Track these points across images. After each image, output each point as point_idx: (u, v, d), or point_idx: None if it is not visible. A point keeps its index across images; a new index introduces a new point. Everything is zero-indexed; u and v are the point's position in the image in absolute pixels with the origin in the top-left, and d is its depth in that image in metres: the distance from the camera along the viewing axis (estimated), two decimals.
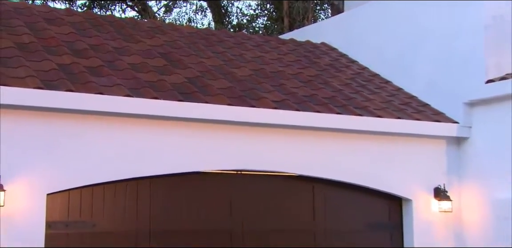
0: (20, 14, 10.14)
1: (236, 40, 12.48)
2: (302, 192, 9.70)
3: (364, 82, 11.32)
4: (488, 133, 10.30)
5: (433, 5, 11.39)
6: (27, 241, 7.37)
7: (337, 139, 9.65)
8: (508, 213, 9.71)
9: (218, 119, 8.62)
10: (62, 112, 7.78)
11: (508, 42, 10.54)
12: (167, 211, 8.70)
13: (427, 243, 10.15)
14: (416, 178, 10.25)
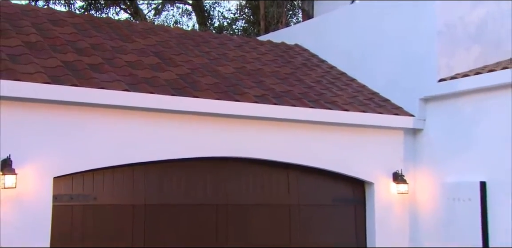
0: (27, 16, 9.99)
1: (219, 41, 12.45)
2: (279, 175, 9.71)
3: (333, 80, 11.34)
4: (439, 125, 10.41)
5: (393, 13, 11.40)
6: (37, 215, 7.34)
7: (309, 130, 9.66)
8: (455, 194, 9.86)
9: (206, 112, 8.62)
10: (68, 105, 7.74)
11: (458, 45, 10.65)
12: (160, 189, 8.66)
13: (386, 219, 10.25)
14: (377, 164, 10.30)
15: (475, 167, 9.72)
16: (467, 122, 9.95)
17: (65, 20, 10.48)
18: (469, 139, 9.87)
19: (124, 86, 8.15)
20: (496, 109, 9.55)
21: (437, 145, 10.37)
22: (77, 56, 8.77)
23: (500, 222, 9.29)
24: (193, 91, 8.75)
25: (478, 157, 9.71)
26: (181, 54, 10.48)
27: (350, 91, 10.86)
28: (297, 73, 11.25)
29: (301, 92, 10.13)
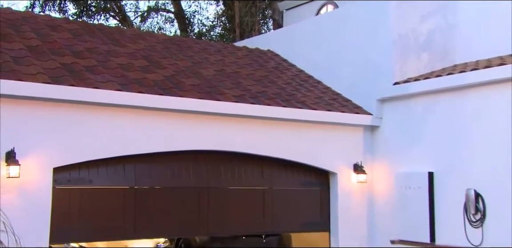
0: (27, 22, 9.80)
1: (201, 46, 12.36)
2: (254, 165, 9.69)
3: (301, 82, 11.34)
4: (394, 123, 10.46)
5: (353, 24, 11.40)
6: (39, 200, 7.29)
7: (282, 127, 9.65)
8: (407, 183, 9.93)
9: (190, 110, 8.58)
10: (65, 103, 7.67)
11: (410, 53, 10.69)
12: (149, 175, 8.62)
13: (348, 205, 10.30)
14: (340, 157, 10.33)
15: (424, 159, 9.81)
16: (417, 120, 10.04)
17: (62, 26, 10.31)
18: (419, 135, 9.96)
19: (116, 86, 8.09)
20: (442, 109, 9.66)
21: (392, 140, 10.44)
22: (73, 59, 8.65)
23: (444, 206, 9.44)
24: (179, 91, 8.71)
25: (427, 150, 9.81)
26: (167, 58, 10.40)
27: (316, 92, 10.87)
28: (270, 75, 11.23)
29: (275, 93, 10.12)
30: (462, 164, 9.25)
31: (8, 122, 7.16)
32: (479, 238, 8.83)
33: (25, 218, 6.71)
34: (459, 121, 9.36)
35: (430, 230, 9.52)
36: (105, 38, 10.40)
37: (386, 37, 10.63)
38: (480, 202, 8.88)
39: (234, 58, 11.82)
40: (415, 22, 10.82)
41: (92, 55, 9.16)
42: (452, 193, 9.29)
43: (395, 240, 9.99)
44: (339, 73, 11.47)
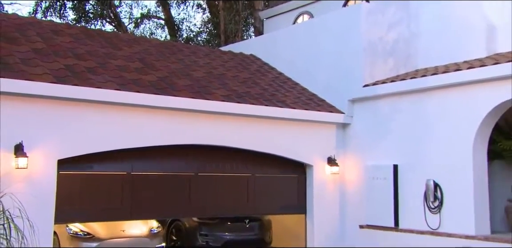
0: (32, 27, 9.66)
1: (190, 50, 12.31)
2: (239, 157, 9.64)
3: (281, 84, 11.36)
4: (363, 121, 10.53)
5: (328, 32, 11.41)
6: (45, 188, 7.25)
7: (264, 124, 9.66)
8: (374, 174, 10.02)
9: (182, 108, 8.57)
10: (69, 101, 7.62)
11: (377, 59, 10.73)
12: (144, 164, 8.55)
13: (322, 193, 10.36)
14: (316, 151, 10.36)
15: (390, 153, 9.90)
16: (384, 119, 10.12)
17: (64, 30, 10.21)
18: (386, 132, 10.05)
19: (115, 86, 8.06)
20: (406, 108, 9.75)
21: (361, 136, 10.51)
22: (75, 61, 8.59)
23: (407, 195, 9.56)
24: (172, 91, 8.69)
25: (392, 146, 9.90)
26: (160, 60, 10.35)
27: (295, 93, 10.90)
28: (253, 77, 11.23)
29: (258, 93, 10.14)
30: (423, 158, 9.36)
31: (16, 118, 7.11)
32: (437, 222, 8.99)
33: (32, 203, 6.57)
34: (421, 120, 9.47)
35: (394, 216, 9.63)
36: (103, 42, 10.32)
37: (356, 44, 10.67)
38: (439, 191, 9.03)
39: (220, 61, 11.79)
40: (383, 31, 10.88)
41: (92, 57, 9.09)
42: (414, 183, 9.42)
43: (363, 225, 10.10)
44: (314, 76, 11.49)
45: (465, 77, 8.78)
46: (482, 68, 8.60)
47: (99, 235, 8.56)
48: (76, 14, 20.99)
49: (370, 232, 9.99)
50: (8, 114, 6.98)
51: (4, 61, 7.45)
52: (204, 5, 22.19)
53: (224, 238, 9.92)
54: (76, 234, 8.45)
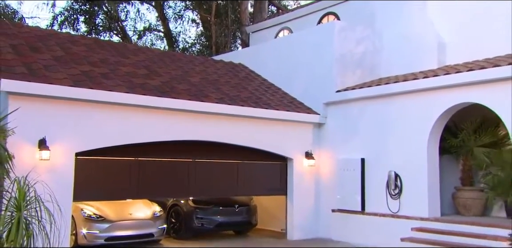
0: (52, 38, 9.63)
1: (188, 59, 12.26)
2: (230, 150, 9.58)
3: (266, 89, 11.39)
4: (335, 121, 10.60)
5: (305, 45, 11.41)
6: (64, 175, 7.27)
7: (252, 123, 9.67)
8: (345, 166, 10.10)
9: (182, 109, 8.58)
10: (86, 102, 7.62)
11: (347, 69, 10.79)
12: (149, 152, 8.48)
13: (301, 182, 10.40)
14: (296, 146, 10.41)
15: (358, 149, 10.01)
16: (353, 119, 10.22)
17: (79, 41, 10.17)
18: (354, 130, 10.16)
19: (124, 89, 8.07)
20: (372, 111, 9.87)
21: (334, 134, 10.58)
22: (90, 67, 8.58)
23: (372, 183, 9.68)
24: (173, 93, 8.70)
25: (360, 142, 10.02)
26: (162, 68, 10.33)
27: (278, 97, 10.95)
28: (242, 83, 11.24)
29: (246, 96, 10.16)
30: (386, 153, 9.50)
31: (41, 116, 7.12)
32: (397, 207, 9.16)
33: (54, 189, 6.54)
34: (384, 120, 9.61)
35: (361, 201, 9.75)
36: (113, 51, 10.29)
37: (330, 56, 10.73)
38: (398, 181, 9.19)
39: (214, 69, 11.78)
40: (352, 45, 10.97)
41: (104, 64, 9.09)
42: (378, 174, 9.56)
43: (335, 209, 10.22)
44: (294, 82, 11.52)
45: (421, 85, 8.94)
46: (435, 77, 8.77)
47: (109, 217, 8.52)
48: (87, 27, 20.85)
49: (340, 215, 10.09)
50: (33, 113, 7.00)
51: (30, 67, 7.44)
52: (198, 20, 22.11)
53: (216, 220, 9.91)
54: (90, 217, 8.41)
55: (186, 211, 9.91)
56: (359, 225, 9.67)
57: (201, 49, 21.51)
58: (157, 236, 9.03)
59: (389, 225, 9.10)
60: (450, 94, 8.62)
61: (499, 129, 9.33)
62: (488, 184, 9.23)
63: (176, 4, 22.01)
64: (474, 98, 8.32)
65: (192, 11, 22.23)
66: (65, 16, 20.34)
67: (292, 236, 10.10)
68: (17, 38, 8.64)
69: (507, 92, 7.88)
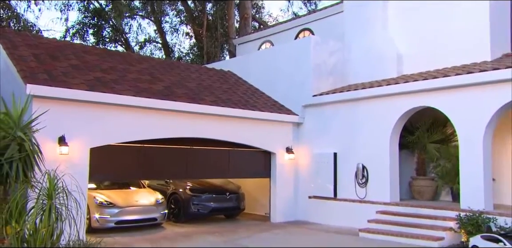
0: (68, 48, 9.57)
1: (184, 67, 12.22)
2: (223, 146, 9.58)
3: (252, 93, 11.40)
4: (312, 121, 10.68)
5: (286, 56, 11.42)
6: (81, 167, 7.17)
7: (242, 123, 9.68)
8: (320, 159, 10.21)
9: (181, 110, 8.57)
10: (99, 104, 7.58)
11: (322, 77, 10.87)
12: (153, 142, 8.34)
13: (282, 173, 10.44)
14: (278, 142, 10.46)
15: (331, 144, 10.14)
16: (327, 119, 10.34)
17: (91, 51, 10.10)
18: (328, 129, 10.29)
19: (132, 93, 8.06)
20: (343, 112, 9.99)
21: (310, 132, 10.68)
22: (102, 74, 8.55)
23: (343, 174, 9.82)
24: (174, 97, 8.70)
25: (332, 139, 10.14)
26: (163, 74, 10.29)
27: (262, 100, 10.99)
28: (232, 88, 11.25)
29: (236, 99, 10.19)
30: (354, 148, 9.67)
31: (61, 116, 7.08)
32: (364, 193, 9.36)
33: (76, 176, 6.40)
34: (353, 121, 9.77)
35: (333, 189, 9.89)
36: (121, 60, 10.24)
37: (307, 66, 10.82)
38: (365, 171, 9.37)
39: (207, 76, 11.76)
40: (325, 57, 11.08)
41: (114, 71, 9.05)
42: (348, 166, 9.72)
43: (311, 195, 10.33)
44: (276, 88, 11.57)
45: (384, 91, 9.13)
46: (396, 85, 8.97)
47: (118, 204, 8.49)
48: (95, 38, 20.71)
49: (316, 201, 10.22)
50: (53, 114, 6.91)
51: (50, 73, 7.41)
52: (191, 34, 22.07)
53: (210, 206, 9.94)
54: (102, 203, 8.37)
55: (184, 199, 9.92)
56: (332, 209, 9.82)
57: (194, 58, 21.44)
58: (159, 220, 9.06)
59: (357, 209, 9.29)
60: (408, 99, 8.85)
61: (447, 128, 9.65)
62: (437, 174, 9.63)
63: (172, 19, 22.18)
64: (428, 102, 8.58)
65: (186, 25, 22.22)
66: (76, 29, 20.27)
67: (275, 219, 10.21)
68: (38, 48, 8.56)
69: (455, 98, 8.18)
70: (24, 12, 17.79)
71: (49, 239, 4.28)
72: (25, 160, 4.49)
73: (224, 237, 8.13)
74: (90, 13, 20.47)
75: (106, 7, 20.40)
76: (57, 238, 4.43)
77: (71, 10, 20.39)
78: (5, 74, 7.94)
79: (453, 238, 7.51)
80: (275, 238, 8.16)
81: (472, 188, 7.80)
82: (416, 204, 8.66)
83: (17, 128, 4.63)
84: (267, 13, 24.21)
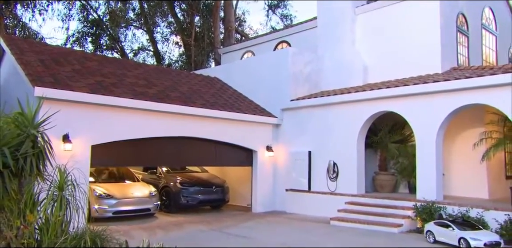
0: (71, 55, 9.48)
1: (175, 73, 12.20)
2: (209, 144, 9.56)
3: (237, 97, 11.42)
4: (289, 123, 10.77)
5: (266, 65, 11.48)
6: (82, 161, 7.02)
7: (228, 124, 9.71)
8: (296, 157, 10.31)
9: (175, 112, 8.57)
10: (100, 105, 7.54)
11: (299, 83, 10.97)
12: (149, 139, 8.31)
13: (262, 169, 10.50)
14: (260, 141, 10.52)
15: (306, 144, 10.27)
16: (302, 122, 10.46)
17: (92, 57, 10.03)
18: (303, 130, 10.42)
19: (130, 96, 8.04)
20: (317, 115, 10.14)
21: (288, 133, 10.77)
22: (102, 78, 8.49)
23: (316, 170, 9.92)
24: (168, 100, 8.70)
25: (307, 139, 10.27)
26: (157, 79, 10.25)
27: (246, 104, 11.04)
28: (219, 92, 11.26)
29: (223, 103, 10.22)
30: (326, 146, 9.84)
31: (65, 116, 6.98)
32: (334, 187, 9.54)
33: (75, 173, 6.49)
34: (326, 123, 9.95)
35: (308, 183, 10.02)
36: (118, 66, 10.16)
37: (285, 74, 10.92)
38: (336, 168, 9.56)
39: (196, 81, 11.73)
40: (301, 66, 11.22)
41: (113, 76, 8.99)
42: (320, 163, 9.88)
43: (288, 189, 10.42)
44: (258, 93, 11.60)
45: (352, 97, 9.37)
46: (363, 92, 9.22)
47: (116, 195, 8.44)
48: (93, 46, 20.49)
49: (292, 193, 10.31)
50: (58, 114, 6.74)
51: (55, 77, 7.34)
52: (180, 43, 21.97)
53: (198, 198, 9.97)
54: (100, 195, 8.31)
55: (174, 191, 9.93)
56: (306, 201, 9.96)
57: (182, 65, 21.35)
58: (152, 210, 9.05)
59: (328, 200, 9.46)
60: (372, 104, 9.10)
61: (405, 130, 9.96)
62: (397, 169, 9.97)
63: (163, 30, 22.08)
64: (389, 108, 8.88)
65: (175, 36, 22.10)
66: (76, 37, 20.10)
67: (256, 210, 10.29)
68: (43, 54, 8.44)
69: (412, 104, 8.52)
70: (28, 21, 17.64)
71: (59, 227, 4.28)
72: (38, 155, 4.46)
73: (212, 226, 8.19)
74: (89, 23, 20.32)
75: (104, 18, 20.27)
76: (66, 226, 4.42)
77: (72, 20, 20.42)
78: (14, 77, 7.79)
79: (410, 225, 7.82)
80: (258, 226, 8.27)
81: (426, 182, 8.14)
82: (379, 196, 8.92)
83: (30, 127, 4.60)
84: (248, 26, 24.40)
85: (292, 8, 26.70)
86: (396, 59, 10.35)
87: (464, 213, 7.31)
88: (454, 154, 9.48)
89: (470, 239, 6.08)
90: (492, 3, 12.29)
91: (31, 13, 17.43)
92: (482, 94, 7.50)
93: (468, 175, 9.20)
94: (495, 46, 12.27)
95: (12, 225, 4.01)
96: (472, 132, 9.18)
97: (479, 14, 11.59)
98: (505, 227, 6.63)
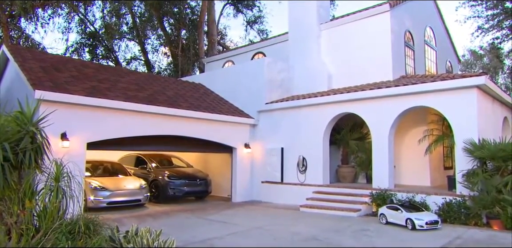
0: (69, 62, 9.29)
1: (164, 79, 12.06)
2: (197, 142, 9.54)
3: (219, 101, 11.40)
4: (264, 123, 10.82)
5: (245, 73, 11.51)
6: (79, 158, 6.95)
7: (210, 124, 9.70)
8: (271, 153, 10.37)
9: (163, 113, 8.52)
10: (95, 107, 7.44)
11: (273, 89, 11.06)
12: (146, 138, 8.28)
13: (241, 164, 10.51)
14: (239, 140, 10.53)
15: (279, 141, 10.35)
16: (276, 122, 10.55)
17: (88, 65, 9.88)
18: (277, 129, 10.49)
19: (123, 98, 7.98)
20: (289, 116, 10.25)
21: (263, 132, 10.82)
22: (98, 83, 8.38)
23: (288, 164, 10.03)
24: (157, 102, 8.66)
25: (280, 137, 10.35)
26: (147, 84, 10.17)
27: (226, 107, 11.04)
28: (202, 97, 11.24)
29: (206, 106, 10.21)
30: (297, 144, 9.94)
31: (63, 117, 6.89)
32: (303, 178, 9.66)
33: (71, 167, 6.39)
34: (296, 123, 10.06)
35: (281, 175, 10.11)
36: (113, 73, 10.04)
37: (261, 80, 11.00)
38: (305, 162, 9.67)
39: (182, 86, 11.67)
40: (275, 74, 11.34)
41: (107, 81, 8.88)
42: (292, 158, 9.98)
43: (264, 180, 10.48)
44: (237, 97, 11.61)
45: (318, 101, 9.55)
46: (327, 96, 9.41)
47: (110, 188, 8.32)
48: (90, 55, 20.14)
49: (267, 185, 10.36)
50: (57, 114, 6.70)
51: (55, 82, 7.22)
52: (168, 53, 21.77)
53: (184, 190, 9.90)
54: (96, 188, 8.16)
55: (162, 184, 9.84)
56: (280, 191, 10.03)
57: (170, 73, 21.19)
58: (143, 201, 8.97)
59: (298, 190, 9.56)
60: (335, 107, 9.29)
61: (363, 129, 10.23)
62: (356, 163, 10.24)
63: (153, 42, 21.83)
64: (350, 109, 9.09)
65: (164, 47, 21.88)
66: (74, 47, 19.77)
67: (235, 199, 10.31)
68: (44, 62, 8.26)
69: (369, 106, 8.79)
70: (31, 33, 17.77)
71: (56, 214, 4.22)
72: (36, 150, 4.39)
73: (196, 213, 8.19)
74: (86, 35, 20.06)
75: (100, 31, 19.98)
76: (63, 213, 4.36)
77: (71, 32, 20.02)
78: (16, 81, 7.58)
79: (367, 210, 8.07)
80: (237, 213, 8.32)
81: (380, 173, 8.42)
82: (341, 185, 9.13)
83: (29, 124, 4.52)
84: (229, 39, 24.51)
85: (267, 24, 27.10)
86: (355, 69, 10.69)
87: (411, 198, 7.63)
88: (403, 149, 9.86)
89: (414, 219, 6.39)
90: (432, 23, 12.90)
91: (34, 26, 17.43)
92: (425, 98, 7.87)
93: (414, 166, 9.58)
94: (435, 59, 12.87)
95: (12, 213, 3.94)
96: (417, 130, 9.58)
97: (422, 32, 12.13)
98: (442, 209, 7.01)
